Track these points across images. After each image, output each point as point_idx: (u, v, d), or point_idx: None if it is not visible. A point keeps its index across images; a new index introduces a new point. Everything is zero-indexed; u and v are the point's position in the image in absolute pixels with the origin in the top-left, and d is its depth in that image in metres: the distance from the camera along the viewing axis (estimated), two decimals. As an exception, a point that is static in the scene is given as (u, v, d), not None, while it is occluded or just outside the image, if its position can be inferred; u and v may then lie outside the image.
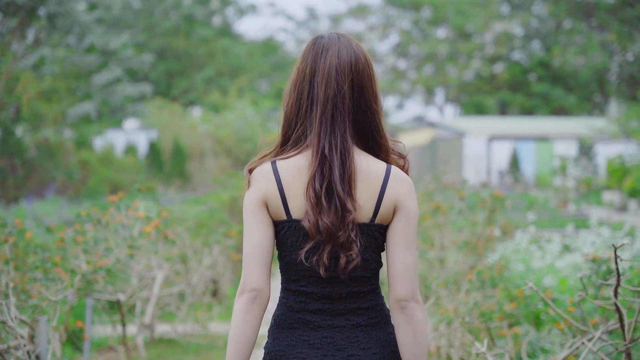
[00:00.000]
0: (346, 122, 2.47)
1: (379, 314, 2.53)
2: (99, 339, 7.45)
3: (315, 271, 2.46)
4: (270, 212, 2.48)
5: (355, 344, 2.48)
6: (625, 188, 20.72)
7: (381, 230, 2.49)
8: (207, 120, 31.06)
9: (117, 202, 5.24)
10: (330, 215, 2.40)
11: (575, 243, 7.91)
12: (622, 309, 3.29)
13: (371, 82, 2.54)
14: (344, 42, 2.52)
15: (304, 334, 2.48)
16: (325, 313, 2.49)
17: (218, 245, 7.96)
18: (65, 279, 4.42)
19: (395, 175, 2.49)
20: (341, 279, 2.47)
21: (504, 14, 50.08)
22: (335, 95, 2.46)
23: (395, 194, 2.47)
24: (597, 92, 47.45)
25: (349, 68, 2.49)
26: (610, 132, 26.95)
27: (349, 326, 2.49)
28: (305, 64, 2.52)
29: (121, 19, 39.57)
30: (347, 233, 2.41)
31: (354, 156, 2.46)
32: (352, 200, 2.42)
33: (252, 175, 2.49)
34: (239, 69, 45.51)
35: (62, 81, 21.78)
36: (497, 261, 6.38)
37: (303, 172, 2.45)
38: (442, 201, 7.81)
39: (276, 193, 2.45)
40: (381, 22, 52.49)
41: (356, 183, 2.44)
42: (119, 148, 30.18)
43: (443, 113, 54.12)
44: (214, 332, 8.35)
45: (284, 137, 2.54)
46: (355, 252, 2.42)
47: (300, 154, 2.48)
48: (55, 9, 19.47)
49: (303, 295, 2.49)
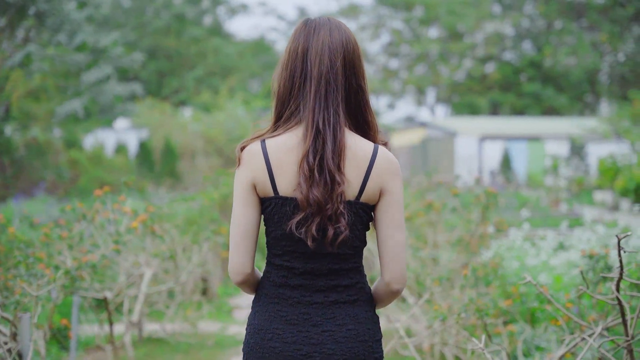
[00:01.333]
0: (338, 99, 2.54)
1: (358, 292, 2.60)
2: (86, 338, 7.32)
3: (298, 247, 2.54)
4: (258, 190, 2.56)
5: (331, 319, 2.54)
6: (617, 188, 20.68)
7: (366, 209, 2.55)
8: (198, 120, 30.94)
9: (103, 197, 5.12)
10: (320, 188, 2.47)
11: (569, 241, 7.82)
12: (625, 304, 3.18)
13: (360, 61, 2.63)
14: (334, 23, 2.64)
15: (283, 309, 2.56)
16: (305, 289, 2.56)
17: (208, 243, 7.84)
18: (49, 274, 4.30)
19: (383, 155, 2.55)
20: (323, 255, 2.54)
21: (496, 14, 50.12)
22: (328, 72, 2.54)
23: (381, 174, 2.53)
24: (588, 92, 47.54)
25: (341, 46, 2.58)
26: (601, 132, 26.95)
27: (327, 303, 2.55)
28: (296, 43, 2.60)
29: (111, 18, 39.41)
30: (336, 206, 2.48)
31: (345, 132, 2.53)
32: (341, 174, 2.49)
33: (242, 154, 2.57)
34: (230, 69, 45.41)
35: (52, 79, 21.63)
36: (491, 258, 6.29)
37: (291, 151, 2.52)
38: (434, 199, 7.70)
39: (264, 171, 2.52)
40: (372, 22, 52.45)
41: (345, 160, 2.51)
42: (110, 147, 30.04)
43: (434, 113, 54.12)
44: (204, 331, 8.24)
45: (277, 115, 2.61)
46: (343, 224, 2.48)
47: (290, 132, 2.55)
48: (44, 7, 19.32)
49: (285, 270, 2.57)
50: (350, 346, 2.53)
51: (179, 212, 9.05)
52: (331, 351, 2.52)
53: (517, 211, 17.73)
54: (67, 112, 21.72)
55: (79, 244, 5.13)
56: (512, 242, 7.56)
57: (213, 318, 8.86)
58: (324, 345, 2.53)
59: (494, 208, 7.04)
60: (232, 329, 8.43)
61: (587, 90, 47.21)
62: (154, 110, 31.58)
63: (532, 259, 7.05)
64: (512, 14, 48.68)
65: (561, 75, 45.91)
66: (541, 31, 48.59)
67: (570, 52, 44.42)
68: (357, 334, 2.55)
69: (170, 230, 7.26)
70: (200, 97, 38.45)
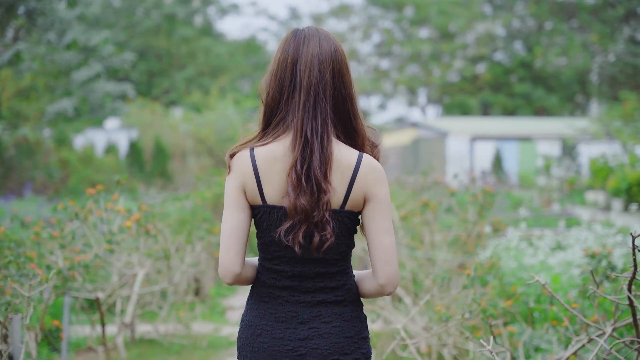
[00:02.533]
0: (327, 109, 2.61)
1: (346, 292, 2.69)
2: (77, 339, 7.21)
3: (287, 252, 2.62)
4: (248, 197, 2.64)
5: (318, 317, 2.64)
6: (609, 188, 20.67)
7: (351, 217, 2.64)
8: (189, 120, 30.83)
9: (96, 195, 5.01)
10: (306, 196, 2.54)
11: (567, 240, 7.74)
12: (637, 304, 3.09)
13: (348, 70, 2.68)
14: (323, 34, 2.68)
15: (272, 307, 2.66)
16: (294, 290, 2.65)
17: (201, 243, 7.74)
18: (41, 274, 4.20)
19: (366, 163, 2.61)
20: (311, 260, 2.62)
21: (486, 14, 50.14)
22: (317, 83, 2.60)
23: (366, 183, 2.60)
24: (578, 92, 47.59)
25: (330, 57, 2.63)
26: (592, 132, 26.95)
27: (314, 302, 2.65)
28: (286, 53, 2.65)
29: (102, 18, 39.22)
30: (322, 213, 2.56)
31: (332, 141, 2.60)
32: (327, 183, 2.56)
33: (233, 161, 2.64)
34: (221, 69, 45.29)
35: (41, 79, 21.47)
36: (489, 258, 6.20)
37: (278, 160, 2.59)
38: (430, 198, 7.62)
39: (252, 180, 2.60)
40: (363, 22, 52.41)
41: (331, 169, 2.58)
42: (100, 147, 29.90)
43: (425, 114, 54.10)
44: (197, 332, 8.14)
45: (265, 123, 2.68)
46: (329, 232, 2.57)
47: (277, 141, 2.62)
48: (34, 5, 19.17)
49: (275, 273, 2.66)
50: (335, 341, 2.62)
51: (171, 212, 8.95)
52: (316, 345, 2.62)
53: (509, 211, 17.69)
54: (57, 112, 21.56)
55: (71, 244, 5.02)
56: (509, 241, 7.48)
57: (206, 319, 8.76)
58: (310, 341, 2.62)
59: (490, 207, 6.97)
60: (225, 330, 8.34)
61: (577, 91, 47.27)
62: (145, 110, 31.46)
63: (529, 259, 6.98)
64: (503, 14, 48.73)
65: (552, 76, 45.97)
66: (532, 32, 48.65)
67: (560, 52, 44.46)
68: (342, 330, 2.64)
69: (164, 230, 7.16)
70: (190, 97, 38.32)
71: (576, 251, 6.94)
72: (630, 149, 23.77)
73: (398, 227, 7.40)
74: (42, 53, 19.72)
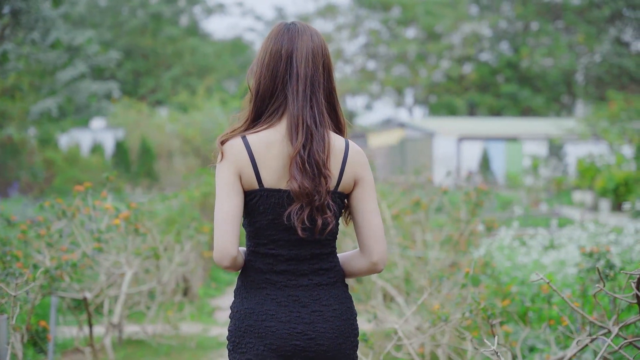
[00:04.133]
0: (321, 99, 2.75)
1: (336, 274, 2.81)
2: (64, 340, 7.08)
3: (284, 235, 2.71)
4: (243, 183, 2.70)
5: (317, 301, 2.74)
6: (597, 188, 20.69)
7: (342, 197, 2.78)
8: (175, 119, 30.67)
9: (84, 193, 4.89)
10: (310, 180, 2.65)
11: (559, 239, 7.67)
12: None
13: (333, 66, 2.84)
14: (313, 30, 2.81)
15: (272, 292, 2.72)
16: (291, 273, 2.73)
17: (190, 242, 7.62)
18: (27, 273, 4.09)
19: (353, 148, 2.78)
20: (307, 242, 2.73)
21: (473, 14, 50.17)
22: (314, 74, 2.73)
23: (354, 165, 2.76)
24: (564, 93, 47.69)
25: (322, 51, 2.78)
26: (579, 133, 26.97)
27: (312, 285, 2.74)
28: (279, 44, 2.75)
29: (87, 17, 39.01)
30: (324, 197, 2.68)
31: (328, 129, 2.75)
32: (327, 169, 2.69)
33: (224, 148, 2.71)
34: (207, 69, 45.12)
35: (26, 78, 21.27)
36: (482, 257, 6.12)
37: (274, 145, 2.69)
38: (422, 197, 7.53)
39: (249, 165, 2.68)
40: (350, 22, 52.32)
41: (330, 155, 2.71)
42: (85, 147, 29.71)
43: (412, 114, 54.08)
44: (186, 332, 8.04)
45: (256, 112, 2.77)
46: (330, 215, 2.70)
47: (272, 128, 2.72)
48: (19, 5, 18.97)
49: (271, 258, 2.73)
50: (337, 324, 2.74)
51: (159, 211, 8.83)
52: (323, 329, 2.72)
53: (498, 211, 17.65)
54: (42, 111, 21.37)
55: (58, 243, 4.90)
56: (502, 240, 7.41)
57: (195, 319, 8.65)
58: (316, 325, 2.71)
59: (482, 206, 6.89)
60: (214, 330, 8.23)
61: (563, 91, 47.36)
62: (131, 110, 31.28)
63: (522, 258, 6.92)
64: (489, 15, 48.77)
65: (538, 76, 46.03)
66: (518, 32, 48.72)
67: (546, 53, 44.53)
68: (341, 313, 2.76)
69: (152, 229, 7.04)
70: (177, 97, 38.12)
71: (569, 250, 6.87)
72: (617, 149, 23.83)
73: (389, 226, 7.31)
74: (27, 52, 19.53)
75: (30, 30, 19.55)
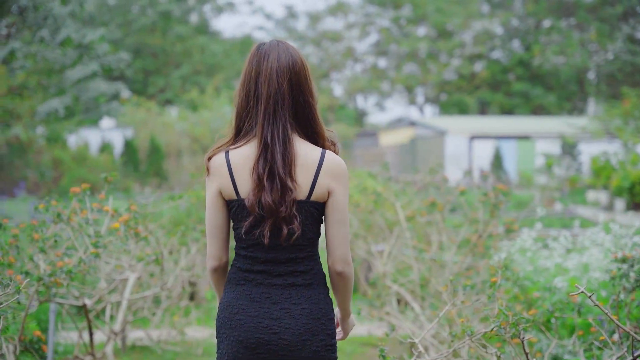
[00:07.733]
0: (286, 115, 2.91)
1: (313, 276, 2.98)
2: (64, 347, 6.80)
3: (260, 240, 2.91)
4: (224, 195, 2.96)
5: (288, 299, 2.93)
6: (612, 186, 20.31)
7: (317, 206, 2.94)
8: (184, 118, 30.48)
9: (81, 194, 4.60)
10: (272, 194, 2.85)
11: (582, 242, 7.33)
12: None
13: (307, 80, 2.98)
14: (282, 48, 2.99)
15: (248, 289, 2.96)
16: (267, 274, 2.95)
17: (196, 245, 7.32)
18: (19, 281, 3.81)
19: (329, 159, 2.93)
20: (281, 247, 2.92)
21: (484, 12, 49.80)
22: (276, 93, 2.90)
23: (328, 177, 2.91)
24: (576, 91, 47.26)
25: (287, 69, 2.93)
26: (592, 131, 26.56)
27: (285, 285, 2.94)
28: (251, 67, 2.97)
29: (96, 15, 38.82)
30: (289, 209, 2.86)
31: (294, 143, 2.90)
32: (292, 181, 2.87)
33: (210, 164, 2.97)
34: (216, 67, 44.93)
35: (35, 77, 21.06)
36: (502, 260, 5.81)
37: (249, 160, 2.91)
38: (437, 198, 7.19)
39: (228, 178, 2.92)
40: (360, 21, 52.02)
41: (296, 166, 2.88)
42: (94, 146, 29.53)
43: (423, 112, 53.75)
44: (192, 338, 7.76)
45: (237, 129, 3.00)
46: (296, 225, 2.88)
47: (248, 144, 2.94)
48: (27, 3, 18.77)
49: (250, 259, 2.97)
50: (304, 322, 2.91)
51: (165, 211, 8.53)
52: (288, 325, 2.90)
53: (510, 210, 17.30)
54: (49, 111, 21.15)
55: (54, 247, 4.61)
56: (523, 242, 7.08)
57: (202, 324, 8.34)
58: (282, 320, 2.90)
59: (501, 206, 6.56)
60: (222, 335, 7.94)
61: (575, 90, 46.94)
62: (140, 109, 31.10)
63: (543, 261, 6.60)
64: (500, 12, 48.40)
65: (550, 74, 45.62)
66: (530, 30, 48.31)
67: (558, 51, 44.07)
68: (310, 312, 2.93)
69: (156, 232, 6.74)
70: (186, 96, 37.93)
71: (593, 253, 6.55)
72: (631, 147, 23.43)
73: (404, 229, 7.01)
74: (35, 51, 19.32)
75: (38, 28, 19.34)
